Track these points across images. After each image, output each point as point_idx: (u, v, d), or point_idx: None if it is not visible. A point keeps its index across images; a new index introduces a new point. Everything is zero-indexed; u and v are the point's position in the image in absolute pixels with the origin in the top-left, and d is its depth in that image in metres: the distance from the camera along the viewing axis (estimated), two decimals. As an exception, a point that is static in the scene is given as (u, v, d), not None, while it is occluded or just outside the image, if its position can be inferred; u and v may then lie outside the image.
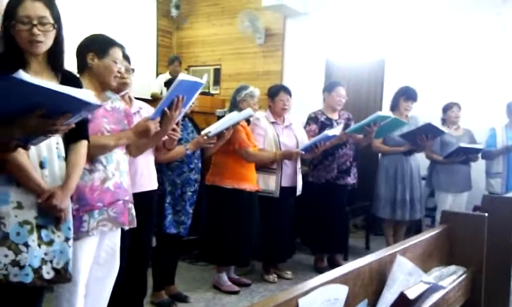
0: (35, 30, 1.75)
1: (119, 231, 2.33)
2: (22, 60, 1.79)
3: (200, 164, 3.26)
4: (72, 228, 1.92)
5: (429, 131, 4.19)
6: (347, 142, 4.16)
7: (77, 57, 2.24)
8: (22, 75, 1.37)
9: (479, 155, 4.61)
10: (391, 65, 6.07)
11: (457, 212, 2.16)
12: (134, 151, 2.47)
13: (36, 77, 1.79)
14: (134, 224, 2.35)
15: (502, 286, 2.28)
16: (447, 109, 4.71)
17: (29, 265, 1.75)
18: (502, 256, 2.23)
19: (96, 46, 2.22)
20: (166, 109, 2.31)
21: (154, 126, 2.29)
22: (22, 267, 1.73)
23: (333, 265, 4.25)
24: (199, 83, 2.42)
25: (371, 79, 6.30)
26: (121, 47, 2.29)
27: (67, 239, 1.88)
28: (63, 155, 1.91)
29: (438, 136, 4.39)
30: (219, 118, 4.55)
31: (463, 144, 4.38)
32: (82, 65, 2.23)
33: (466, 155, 4.47)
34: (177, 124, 2.63)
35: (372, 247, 5.09)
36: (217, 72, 7.69)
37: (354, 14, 6.30)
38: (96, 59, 2.20)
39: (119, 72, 2.27)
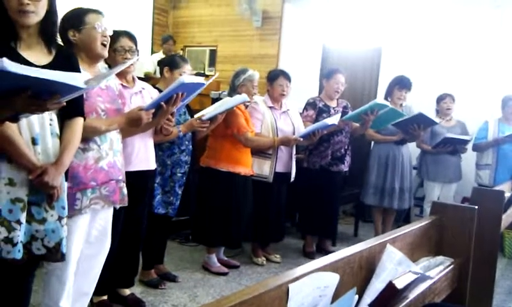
0: None
1: (111, 210, 2.32)
2: (12, 33, 1.72)
3: (190, 146, 3.25)
4: (66, 207, 1.89)
5: (420, 121, 4.20)
6: (343, 129, 4.16)
7: (61, 38, 2.15)
8: (5, 64, 1.30)
9: (467, 146, 4.64)
10: (388, 54, 6.06)
11: (447, 203, 2.18)
12: (122, 133, 2.43)
13: (28, 52, 1.74)
14: (125, 203, 2.34)
15: (487, 277, 2.32)
16: (440, 99, 4.75)
17: (21, 242, 1.74)
18: (489, 247, 2.27)
19: (72, 21, 2.15)
20: (162, 103, 2.33)
21: (147, 117, 2.30)
22: (14, 244, 1.71)
23: (322, 250, 4.31)
24: (200, 84, 2.43)
25: (367, 67, 6.29)
26: (97, 12, 2.19)
27: (60, 218, 1.86)
28: (57, 132, 1.87)
29: (430, 126, 4.41)
30: (214, 100, 4.53)
31: (449, 135, 4.41)
32: (68, 44, 2.15)
33: (453, 146, 4.50)
34: (172, 114, 2.62)
35: (360, 234, 5.14)
36: (213, 53, 7.63)
37: (353, 1, 6.26)
38: (77, 33, 2.14)
39: (104, 36, 2.17)
